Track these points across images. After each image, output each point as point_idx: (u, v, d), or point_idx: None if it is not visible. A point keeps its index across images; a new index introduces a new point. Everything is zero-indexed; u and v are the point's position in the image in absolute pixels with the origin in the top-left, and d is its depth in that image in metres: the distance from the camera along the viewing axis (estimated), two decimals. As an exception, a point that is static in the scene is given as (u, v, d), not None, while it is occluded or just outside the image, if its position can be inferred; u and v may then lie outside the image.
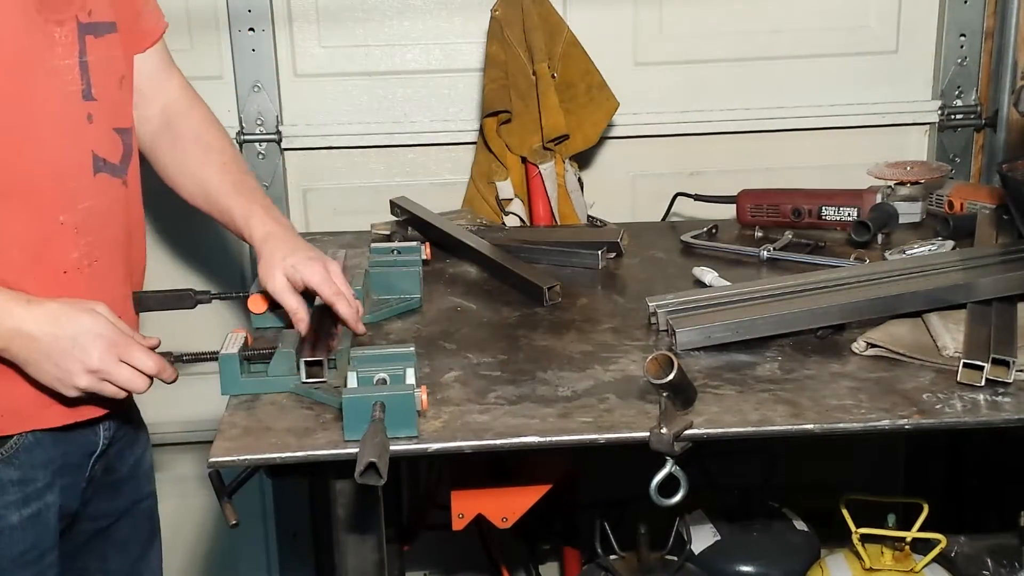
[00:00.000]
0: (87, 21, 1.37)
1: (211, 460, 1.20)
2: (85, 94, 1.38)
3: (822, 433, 1.25)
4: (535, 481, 1.46)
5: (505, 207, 2.17)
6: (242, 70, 2.27)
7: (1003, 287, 1.52)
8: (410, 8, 2.32)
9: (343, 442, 1.21)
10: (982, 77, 2.43)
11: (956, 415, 1.27)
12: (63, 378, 1.30)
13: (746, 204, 2.08)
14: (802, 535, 1.99)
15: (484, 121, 2.14)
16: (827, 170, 2.38)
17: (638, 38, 2.38)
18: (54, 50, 1.33)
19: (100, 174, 1.40)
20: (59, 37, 1.34)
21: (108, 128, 1.42)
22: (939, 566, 1.84)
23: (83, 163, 1.38)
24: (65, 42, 1.35)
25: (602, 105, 2.21)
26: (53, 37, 1.33)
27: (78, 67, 1.37)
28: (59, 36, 1.34)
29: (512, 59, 2.13)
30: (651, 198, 2.35)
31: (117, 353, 1.31)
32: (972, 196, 2.07)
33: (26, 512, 1.39)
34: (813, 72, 2.41)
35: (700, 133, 2.42)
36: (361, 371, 1.27)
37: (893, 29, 2.42)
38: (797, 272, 1.81)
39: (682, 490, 1.22)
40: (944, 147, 2.46)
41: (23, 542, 1.39)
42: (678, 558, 1.84)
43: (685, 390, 1.25)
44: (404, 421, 1.22)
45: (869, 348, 1.43)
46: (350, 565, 1.32)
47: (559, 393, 1.33)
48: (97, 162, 1.40)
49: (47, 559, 1.42)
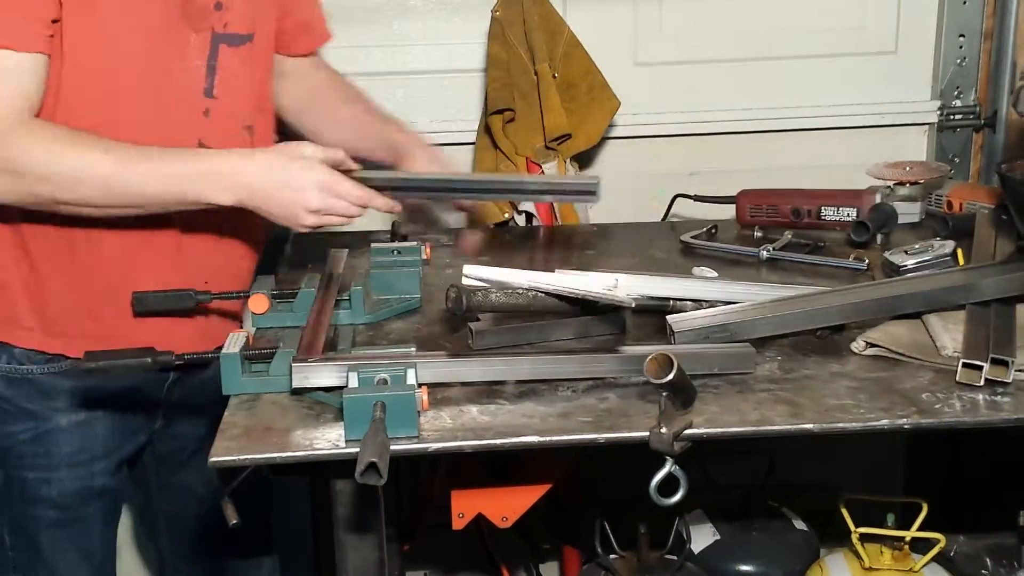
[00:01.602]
0: (222, 32, 1.61)
1: (211, 460, 1.20)
2: (207, 92, 1.60)
3: (822, 433, 1.25)
4: (535, 481, 1.46)
5: (516, 206, 2.17)
6: (242, 70, 2.27)
7: (1002, 288, 1.52)
8: (410, 9, 2.32)
9: (343, 442, 1.21)
10: (981, 77, 2.43)
11: (955, 415, 1.27)
12: (292, 220, 1.51)
13: (746, 204, 2.08)
14: (802, 535, 1.99)
15: (490, 120, 2.14)
16: (827, 170, 2.38)
17: (638, 38, 2.38)
18: (186, 52, 1.57)
19: None
20: (193, 41, 1.58)
21: (229, 123, 1.64)
22: (938, 566, 1.84)
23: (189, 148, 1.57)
24: (197, 46, 1.58)
25: (603, 105, 2.21)
26: (188, 41, 1.57)
27: (205, 68, 1.60)
28: (193, 41, 1.58)
29: (514, 59, 2.13)
30: (651, 198, 2.35)
31: (331, 191, 1.50)
32: (971, 196, 2.07)
33: (74, 418, 1.64)
34: (813, 72, 2.41)
35: (700, 133, 2.42)
36: (362, 371, 1.28)
37: (892, 29, 2.42)
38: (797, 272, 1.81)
39: (682, 490, 1.23)
40: (943, 147, 2.46)
41: (70, 444, 1.65)
42: (678, 558, 1.84)
43: (685, 390, 1.25)
44: (405, 421, 1.22)
45: (868, 348, 1.43)
46: (350, 565, 1.32)
47: (559, 393, 1.34)
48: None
49: (96, 465, 1.68)
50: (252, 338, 1.45)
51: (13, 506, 1.67)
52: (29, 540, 1.68)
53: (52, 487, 1.65)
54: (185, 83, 1.58)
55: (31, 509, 1.67)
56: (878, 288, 1.54)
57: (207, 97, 1.60)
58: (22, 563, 1.69)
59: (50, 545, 1.68)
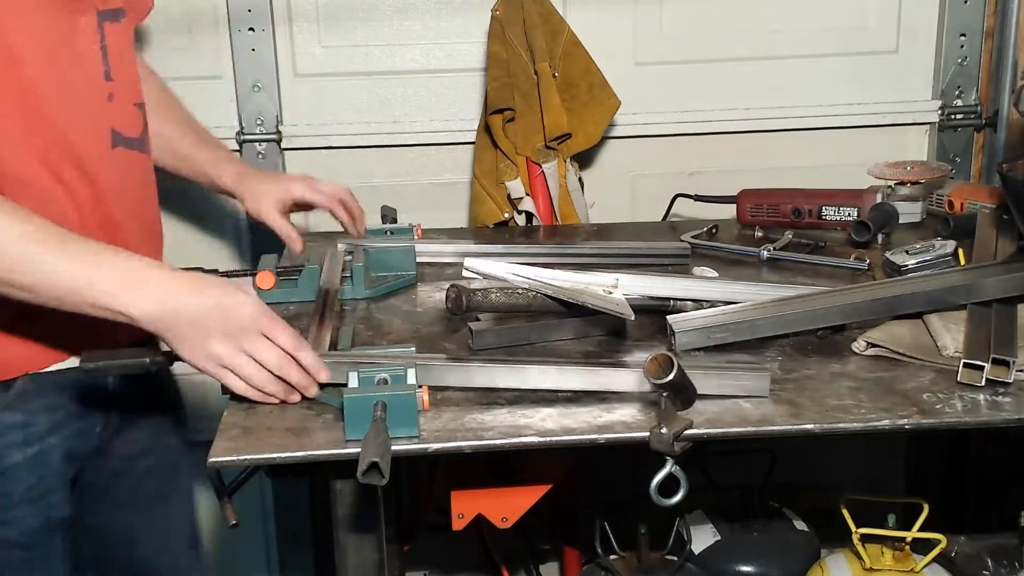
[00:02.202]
0: (104, 8, 1.46)
1: (211, 460, 1.19)
2: (106, 75, 1.46)
3: (822, 433, 1.25)
4: (535, 481, 1.46)
5: (517, 205, 2.17)
6: (242, 70, 2.27)
7: (1003, 288, 1.52)
8: (410, 8, 2.32)
9: (343, 442, 1.21)
10: (982, 77, 2.42)
11: (956, 415, 1.27)
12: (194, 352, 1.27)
13: (746, 204, 2.08)
14: (802, 535, 1.99)
15: (490, 119, 2.14)
16: (827, 170, 2.38)
17: (638, 38, 2.38)
18: (76, 37, 1.41)
19: (118, 147, 1.48)
20: (83, 25, 1.42)
21: (128, 104, 1.51)
22: (939, 566, 1.84)
23: (103, 138, 1.45)
24: (88, 29, 1.43)
25: (604, 104, 2.21)
26: (78, 25, 1.41)
27: (100, 51, 1.45)
28: (83, 24, 1.42)
29: (514, 58, 2.13)
30: (651, 198, 2.35)
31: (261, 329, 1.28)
32: (972, 196, 2.07)
33: (29, 452, 1.45)
34: (813, 72, 2.41)
35: (700, 133, 2.42)
36: (362, 371, 1.27)
37: (893, 29, 2.42)
38: (797, 272, 1.81)
39: (682, 490, 1.22)
40: (944, 147, 2.46)
41: (27, 480, 1.46)
42: (678, 558, 1.84)
43: (685, 390, 1.25)
44: (405, 421, 1.22)
45: (869, 348, 1.43)
46: (350, 565, 1.32)
47: (559, 393, 1.33)
48: (116, 137, 1.47)
49: (54, 498, 1.49)
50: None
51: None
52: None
53: (12, 528, 1.47)
54: (86, 71, 1.44)
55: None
56: (879, 288, 1.54)
57: (107, 80, 1.46)
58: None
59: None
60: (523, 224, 2.19)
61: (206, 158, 1.76)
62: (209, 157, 1.76)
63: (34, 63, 1.35)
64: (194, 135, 1.77)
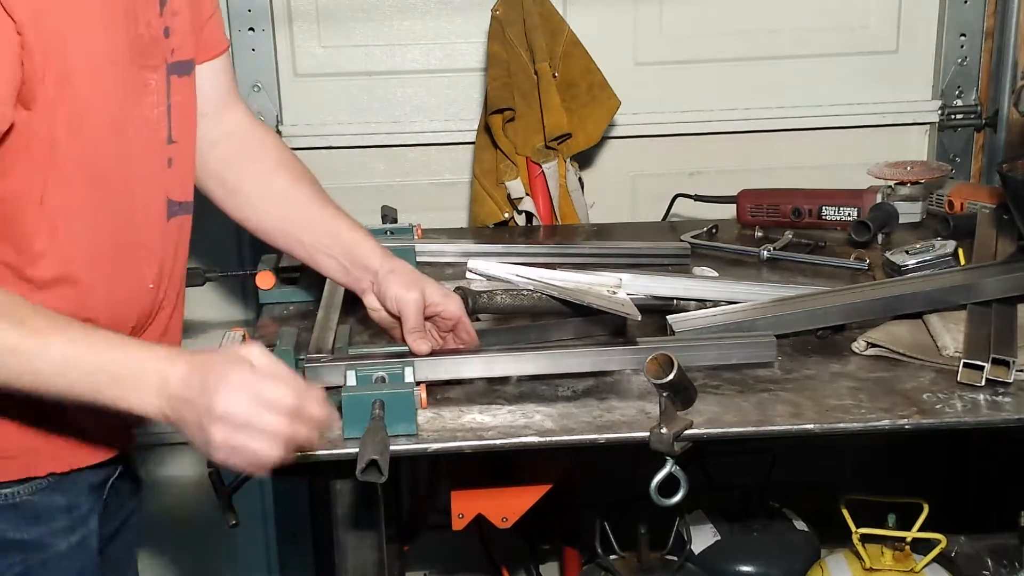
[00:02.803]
0: (172, 61, 1.28)
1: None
2: (168, 139, 1.29)
3: (822, 433, 1.25)
4: (535, 481, 1.46)
5: (517, 205, 2.17)
6: (242, 70, 2.27)
7: (1003, 288, 1.52)
8: (410, 8, 2.32)
9: (343, 442, 1.21)
10: (982, 77, 2.42)
11: (956, 415, 1.27)
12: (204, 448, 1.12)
13: (746, 204, 2.08)
14: (802, 535, 1.99)
15: (490, 119, 2.14)
16: (827, 170, 2.38)
17: (638, 38, 2.37)
18: (148, 99, 1.25)
19: (173, 218, 1.32)
20: (154, 84, 1.25)
21: (186, 170, 1.35)
22: (939, 566, 1.84)
23: (159, 209, 1.30)
24: (157, 88, 1.25)
25: (604, 104, 2.20)
26: (149, 85, 1.24)
27: (166, 113, 1.28)
28: (154, 83, 1.25)
29: (514, 58, 2.13)
30: (651, 198, 2.35)
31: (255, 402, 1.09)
32: (972, 196, 2.07)
33: (73, 539, 1.29)
34: (813, 72, 2.41)
35: (700, 133, 2.42)
36: (360, 369, 1.27)
37: (893, 29, 2.42)
38: (797, 272, 1.81)
39: (682, 490, 1.22)
40: (944, 147, 2.46)
41: (69, 571, 1.30)
42: (678, 558, 1.84)
43: (685, 390, 1.25)
44: (404, 419, 1.22)
45: (869, 348, 1.43)
46: (350, 565, 1.32)
47: (559, 393, 1.33)
48: (172, 207, 1.31)
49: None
50: (248, 336, 1.45)
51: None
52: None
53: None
54: (148, 135, 1.26)
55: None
56: (879, 288, 1.54)
57: (168, 144, 1.29)
58: None
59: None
60: (523, 224, 2.18)
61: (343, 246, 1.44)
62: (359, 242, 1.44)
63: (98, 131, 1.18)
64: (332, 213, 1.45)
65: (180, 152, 1.32)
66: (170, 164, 1.30)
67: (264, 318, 1.64)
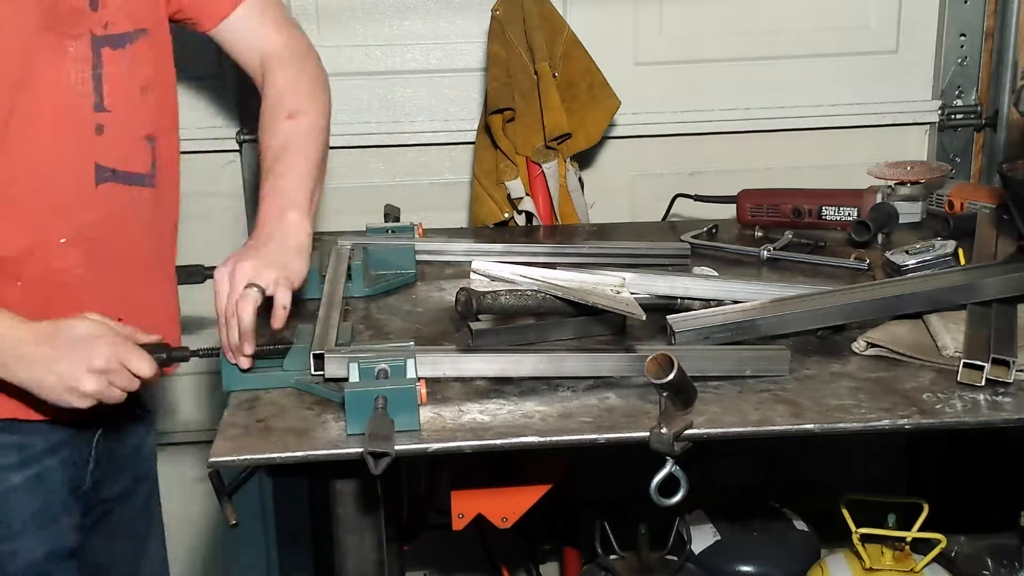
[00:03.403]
0: (103, 34, 1.39)
1: (211, 460, 1.19)
2: (96, 106, 1.39)
3: (822, 433, 1.25)
4: (535, 481, 1.46)
5: (517, 205, 2.17)
6: (242, 70, 2.27)
7: (1003, 288, 1.52)
8: (410, 8, 2.32)
9: (343, 441, 1.21)
10: (982, 77, 2.42)
11: (956, 415, 1.27)
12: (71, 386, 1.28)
13: (746, 204, 2.08)
14: (802, 535, 1.99)
15: (490, 119, 2.14)
16: (827, 170, 2.38)
17: (638, 38, 2.38)
18: (65, 64, 1.36)
19: (104, 184, 1.41)
20: (73, 52, 1.36)
21: (127, 138, 1.43)
22: (939, 566, 1.84)
23: (83, 175, 1.39)
24: (78, 56, 1.37)
25: (604, 104, 2.20)
26: (68, 52, 1.36)
27: (91, 80, 1.38)
28: (73, 51, 1.36)
29: (514, 58, 2.13)
30: (651, 198, 2.35)
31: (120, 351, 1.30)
32: (972, 196, 2.07)
33: (27, 473, 1.41)
34: (813, 72, 2.41)
35: (700, 133, 2.42)
36: (363, 363, 1.27)
37: (893, 29, 2.42)
38: (797, 272, 1.81)
39: (682, 490, 1.22)
40: (944, 147, 2.46)
41: (31, 504, 1.41)
42: (678, 558, 1.84)
43: (685, 390, 1.25)
44: (406, 414, 1.22)
45: (869, 348, 1.43)
46: (350, 565, 1.32)
47: (559, 393, 1.33)
48: (102, 172, 1.40)
49: (61, 523, 1.45)
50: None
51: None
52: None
53: (18, 559, 1.41)
54: (69, 100, 1.36)
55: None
56: (879, 288, 1.54)
57: (97, 112, 1.39)
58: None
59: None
60: (523, 224, 2.18)
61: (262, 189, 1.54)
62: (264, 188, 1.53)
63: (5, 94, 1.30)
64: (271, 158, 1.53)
65: (114, 120, 1.40)
66: (100, 131, 1.39)
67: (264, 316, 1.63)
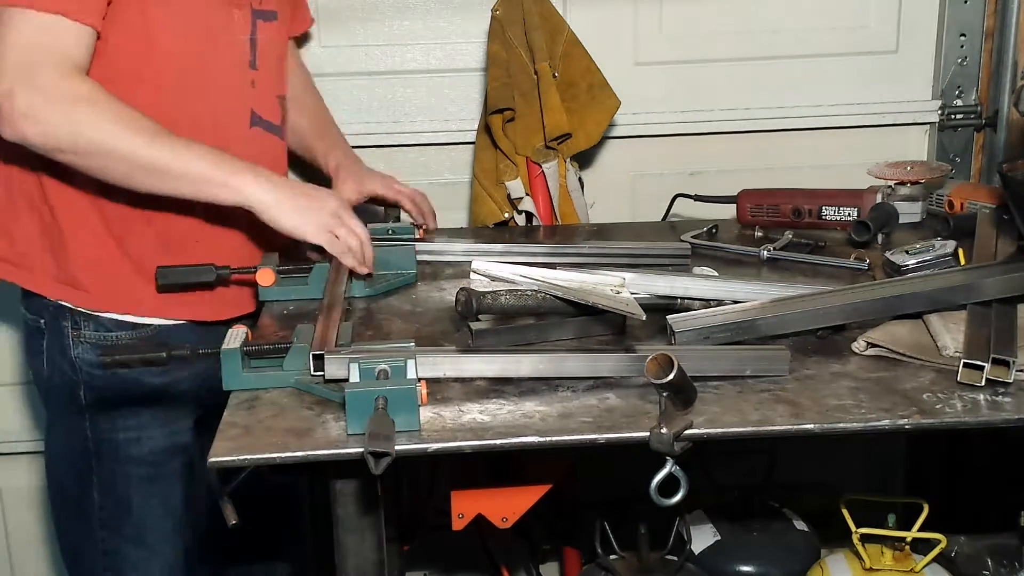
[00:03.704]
0: (259, 8, 1.77)
1: (211, 460, 1.19)
2: (251, 64, 1.76)
3: (823, 433, 1.25)
4: (535, 481, 1.46)
5: (517, 205, 2.17)
6: (242, 70, 2.27)
7: (1003, 288, 1.52)
8: (410, 8, 2.32)
9: (343, 441, 1.21)
10: (982, 77, 2.42)
11: (956, 415, 1.27)
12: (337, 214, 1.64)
13: (746, 204, 2.08)
14: (802, 535, 1.99)
15: (490, 119, 2.14)
16: (827, 170, 2.38)
17: (638, 38, 2.38)
18: (231, 27, 1.73)
19: (255, 127, 1.77)
20: (237, 18, 1.73)
21: (269, 93, 1.81)
22: (939, 566, 1.84)
23: (243, 117, 1.75)
24: (241, 22, 1.74)
25: (604, 104, 2.20)
26: (232, 17, 1.73)
27: (248, 43, 1.75)
28: (237, 17, 1.73)
29: (514, 58, 2.13)
30: (651, 198, 2.35)
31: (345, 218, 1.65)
32: (972, 196, 2.07)
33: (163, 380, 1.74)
34: (813, 72, 2.41)
35: (700, 133, 2.42)
36: (363, 363, 1.27)
37: (893, 29, 2.42)
38: (797, 272, 1.81)
39: (682, 490, 1.22)
40: (944, 147, 2.46)
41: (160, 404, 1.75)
42: (678, 558, 1.84)
43: (685, 390, 1.25)
44: (406, 414, 1.22)
45: (869, 348, 1.43)
46: (350, 565, 1.32)
47: (559, 393, 1.33)
48: (254, 118, 1.77)
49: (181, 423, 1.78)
50: (251, 334, 1.45)
51: (103, 466, 1.74)
52: (119, 499, 1.75)
53: (143, 445, 1.74)
54: (234, 56, 1.73)
55: (122, 468, 1.74)
56: (879, 288, 1.54)
57: (251, 69, 1.76)
58: (110, 521, 1.76)
59: (140, 502, 1.76)
60: (523, 224, 2.19)
61: (320, 147, 2.03)
62: (322, 146, 2.03)
63: (179, 47, 1.64)
64: (319, 127, 2.07)
65: (262, 78, 1.79)
66: (253, 85, 1.77)
67: (264, 315, 1.64)
